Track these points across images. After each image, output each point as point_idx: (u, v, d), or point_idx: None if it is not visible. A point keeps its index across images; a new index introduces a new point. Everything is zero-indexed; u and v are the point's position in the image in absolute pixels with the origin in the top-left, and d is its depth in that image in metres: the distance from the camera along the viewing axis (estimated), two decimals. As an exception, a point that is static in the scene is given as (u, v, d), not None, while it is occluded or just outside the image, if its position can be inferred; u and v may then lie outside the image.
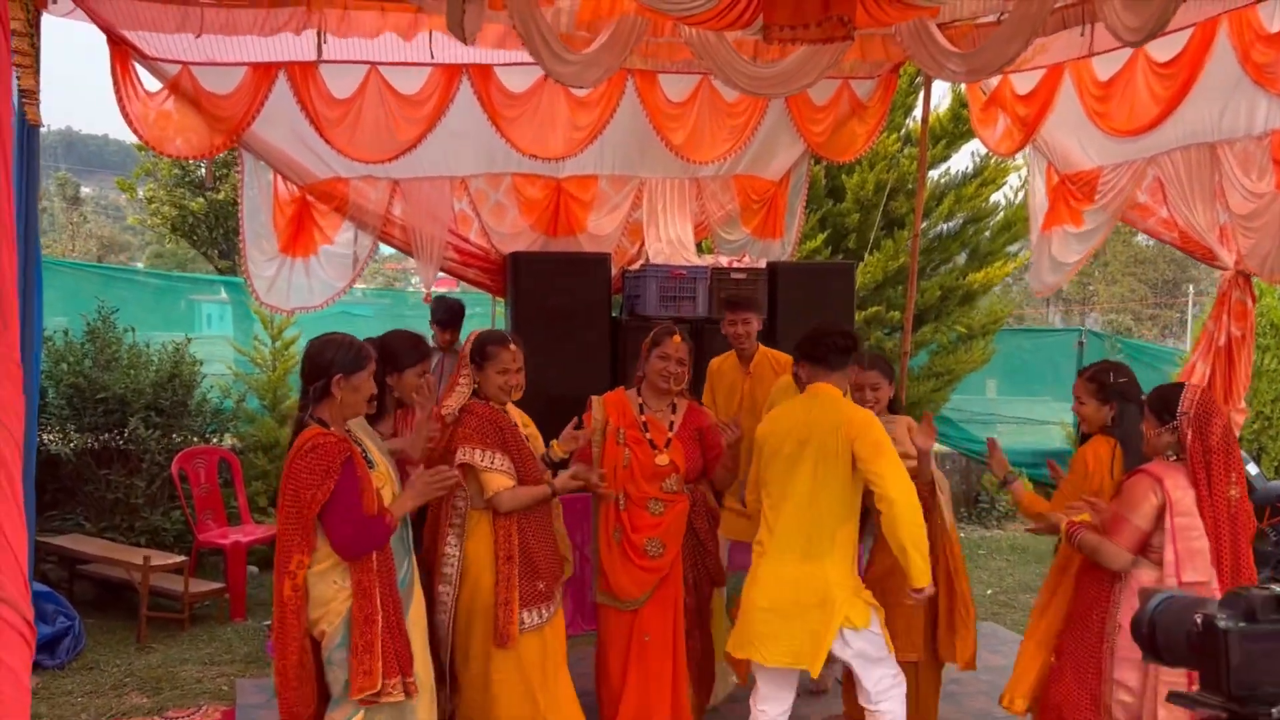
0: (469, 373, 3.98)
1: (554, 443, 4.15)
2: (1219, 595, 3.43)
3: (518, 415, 4.15)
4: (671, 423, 4.33)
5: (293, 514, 3.22)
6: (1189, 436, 3.42)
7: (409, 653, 3.36)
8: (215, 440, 7.56)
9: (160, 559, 6.23)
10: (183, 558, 6.35)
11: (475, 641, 3.90)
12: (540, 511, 4.01)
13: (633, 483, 4.22)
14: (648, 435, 4.28)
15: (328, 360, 3.31)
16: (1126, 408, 3.80)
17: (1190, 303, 41.64)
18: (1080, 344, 11.28)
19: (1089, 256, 6.59)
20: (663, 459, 4.23)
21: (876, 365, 4.34)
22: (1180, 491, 3.40)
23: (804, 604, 3.69)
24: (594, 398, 4.40)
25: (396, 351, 4.04)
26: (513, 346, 3.98)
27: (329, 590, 3.29)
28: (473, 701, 3.95)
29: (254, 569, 7.21)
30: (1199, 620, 1.30)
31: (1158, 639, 1.43)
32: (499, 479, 3.83)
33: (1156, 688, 3.36)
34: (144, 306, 9.54)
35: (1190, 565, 3.37)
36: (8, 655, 2.16)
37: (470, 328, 10.51)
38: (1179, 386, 3.57)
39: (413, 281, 25.20)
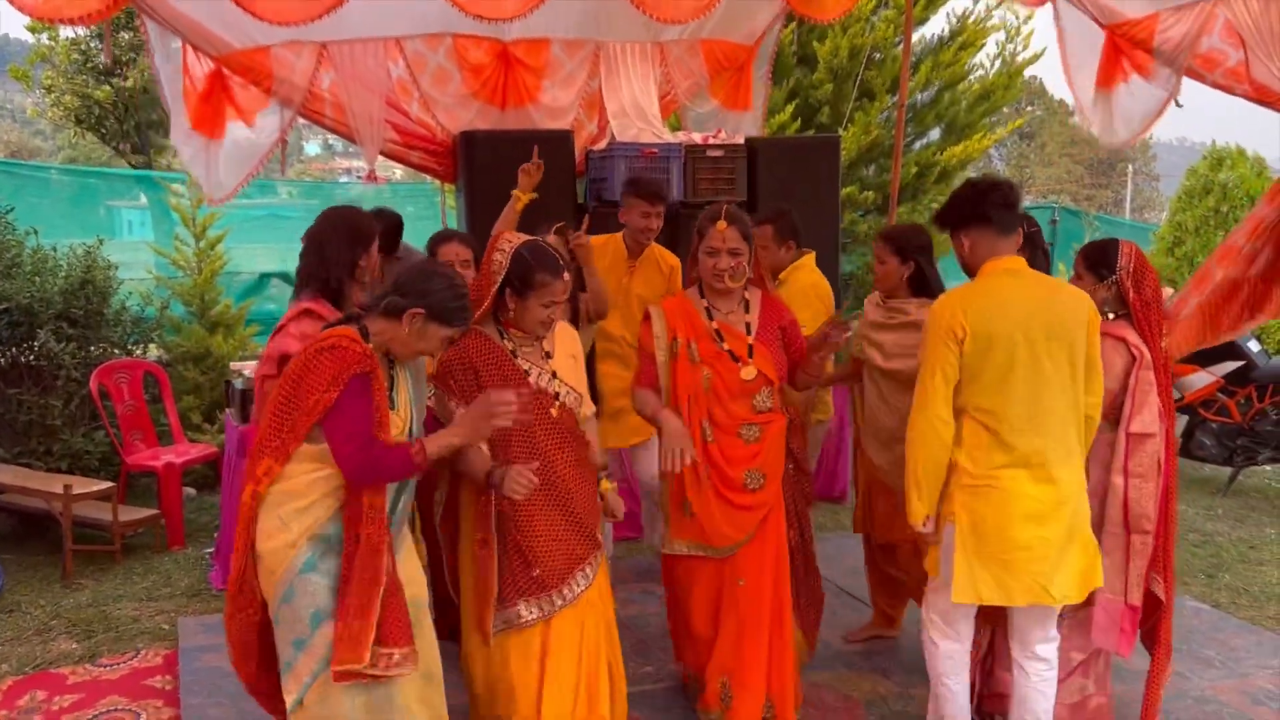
0: (491, 293, 3.22)
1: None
2: (1167, 449, 3.27)
3: (564, 341, 3.41)
4: (748, 324, 3.60)
5: (281, 413, 2.75)
6: (1130, 291, 3.40)
7: (406, 617, 2.78)
8: (138, 352, 6.86)
9: (84, 486, 5.60)
10: (110, 483, 5.72)
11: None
12: (558, 478, 3.24)
13: (720, 406, 3.51)
14: (725, 346, 3.52)
15: (428, 289, 2.80)
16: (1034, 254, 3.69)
17: (1129, 183, 41.97)
18: (1054, 222, 10.91)
19: (1163, 109, 5.78)
20: (749, 372, 3.52)
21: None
22: (1142, 347, 3.37)
23: (1071, 529, 3.18)
24: (651, 308, 3.70)
25: (356, 226, 3.46)
26: (566, 275, 3.25)
27: (272, 522, 2.77)
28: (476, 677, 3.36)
29: (191, 491, 6.63)
30: None
31: None
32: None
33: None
34: (60, 214, 8.79)
35: (1139, 417, 3.35)
36: None
37: (417, 221, 9.87)
38: (1113, 242, 3.46)
39: (340, 181, 24.14)
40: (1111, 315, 3.46)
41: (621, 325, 4.69)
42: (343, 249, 3.38)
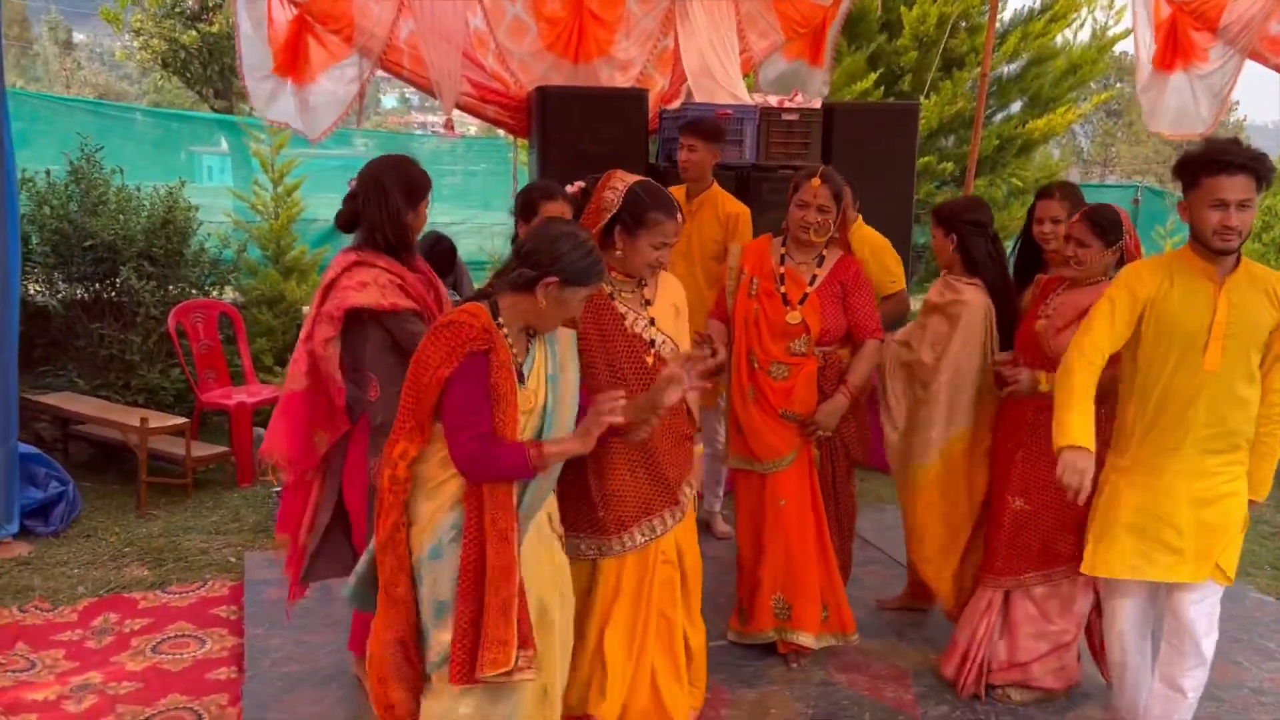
0: (598, 231, 3.15)
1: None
2: None
3: (668, 290, 3.33)
4: (814, 276, 3.76)
5: (408, 393, 2.68)
6: (1136, 254, 3.50)
7: (528, 619, 2.67)
8: (215, 293, 7.03)
9: (159, 420, 5.77)
10: (184, 419, 5.89)
11: None
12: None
13: (759, 343, 3.74)
14: (782, 289, 3.73)
15: (556, 255, 2.62)
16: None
17: (1219, 165, 40.49)
18: (1136, 201, 10.61)
19: (1228, 98, 5.67)
20: (794, 316, 3.71)
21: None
22: None
23: None
24: (732, 245, 3.92)
25: (412, 177, 3.33)
26: (680, 216, 3.16)
27: (416, 506, 2.71)
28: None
29: (261, 431, 6.77)
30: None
31: None
32: None
33: None
34: (143, 156, 8.96)
35: None
36: None
37: (490, 178, 9.91)
38: (1112, 208, 3.50)
39: (415, 133, 24.30)
40: (1109, 278, 3.47)
41: (684, 269, 4.64)
42: (399, 198, 3.26)
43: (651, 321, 3.21)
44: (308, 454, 3.36)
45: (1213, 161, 2.93)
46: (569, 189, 3.93)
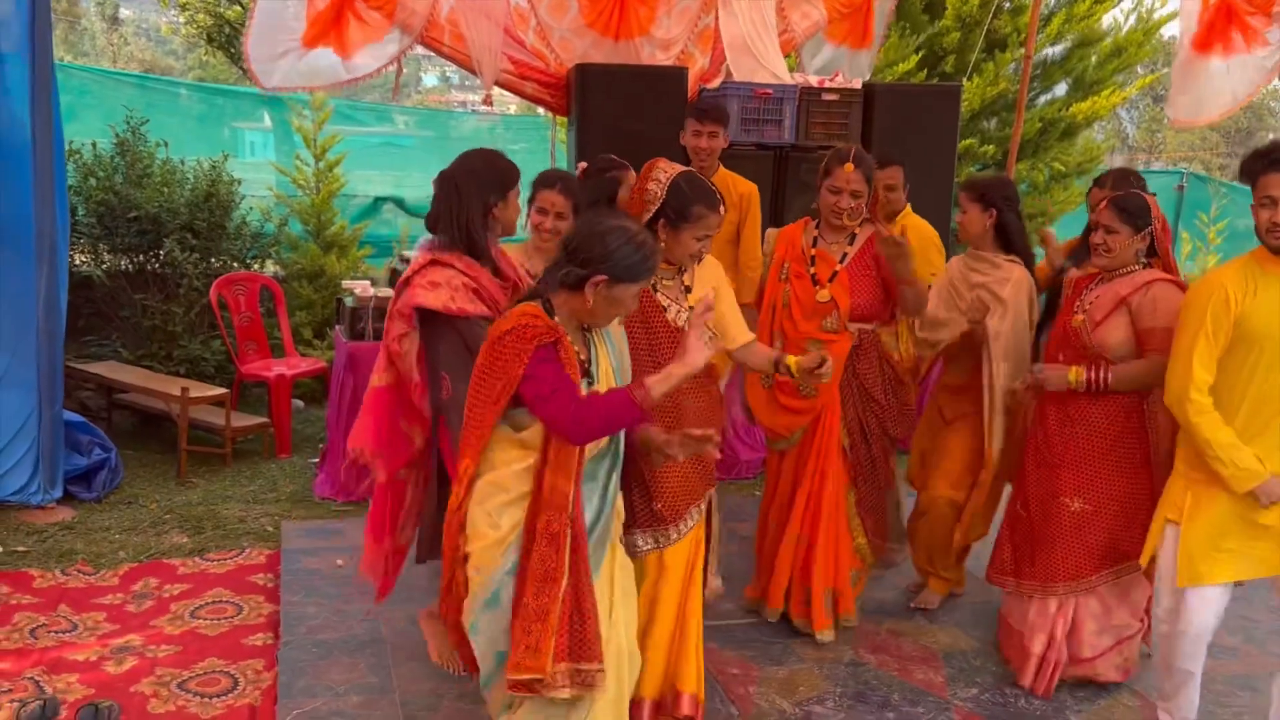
0: (643, 224, 3.11)
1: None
2: None
3: (706, 275, 3.32)
4: (844, 255, 3.80)
5: (472, 408, 2.58)
6: (1164, 240, 3.45)
7: (596, 631, 2.57)
8: (256, 266, 7.12)
9: (200, 390, 5.86)
10: (224, 390, 5.97)
11: None
12: (685, 416, 3.17)
13: (790, 322, 3.80)
14: (812, 270, 3.80)
15: (605, 251, 2.51)
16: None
17: (1269, 152, 39.69)
18: (1180, 188, 10.44)
19: (1263, 85, 5.58)
20: (823, 295, 3.76)
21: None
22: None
23: None
24: (770, 230, 4.00)
25: (494, 170, 3.30)
26: (723, 209, 3.16)
27: (483, 520, 2.59)
28: None
29: (299, 404, 6.88)
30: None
31: None
32: None
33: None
34: (187, 131, 9.06)
35: None
36: None
37: (528, 157, 9.93)
38: (1137, 194, 3.43)
39: (456, 111, 24.37)
40: (1142, 264, 3.44)
41: None
42: (475, 193, 3.23)
43: (691, 311, 3.20)
44: (398, 448, 3.36)
45: (1262, 158, 2.90)
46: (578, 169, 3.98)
